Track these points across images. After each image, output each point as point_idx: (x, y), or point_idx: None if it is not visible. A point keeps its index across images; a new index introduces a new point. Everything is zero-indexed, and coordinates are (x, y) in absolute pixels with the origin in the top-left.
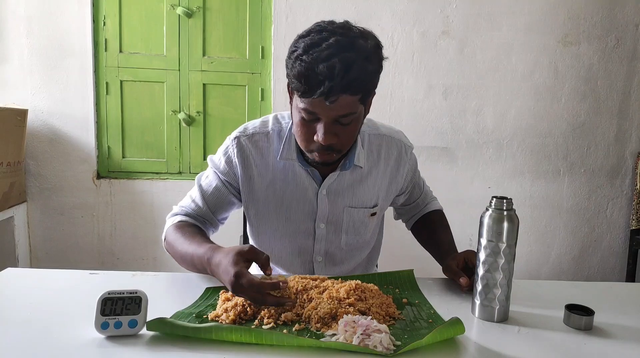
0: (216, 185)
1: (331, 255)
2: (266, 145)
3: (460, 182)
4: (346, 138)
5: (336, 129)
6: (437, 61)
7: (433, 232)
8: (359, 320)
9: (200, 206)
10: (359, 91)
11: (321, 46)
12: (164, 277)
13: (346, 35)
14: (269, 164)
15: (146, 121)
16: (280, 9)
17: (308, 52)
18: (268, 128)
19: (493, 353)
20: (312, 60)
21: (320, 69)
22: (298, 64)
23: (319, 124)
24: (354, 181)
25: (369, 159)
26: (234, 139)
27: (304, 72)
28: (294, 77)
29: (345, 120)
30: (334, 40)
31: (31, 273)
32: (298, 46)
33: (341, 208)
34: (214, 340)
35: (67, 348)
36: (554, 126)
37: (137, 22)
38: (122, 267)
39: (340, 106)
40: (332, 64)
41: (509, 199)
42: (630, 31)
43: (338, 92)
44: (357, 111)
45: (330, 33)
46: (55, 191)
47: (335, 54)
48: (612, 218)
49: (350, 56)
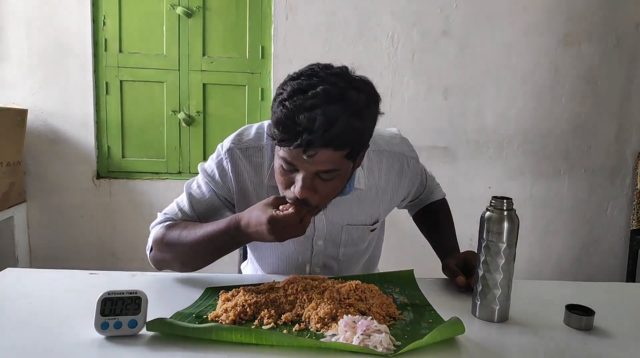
0: (209, 197)
1: (329, 266)
2: (260, 161)
3: (461, 182)
4: (326, 194)
5: (316, 184)
6: (437, 61)
7: (435, 224)
8: (359, 320)
9: (188, 214)
10: (342, 147)
11: (307, 93)
12: (164, 277)
13: (337, 85)
14: (263, 181)
15: (146, 121)
16: (280, 9)
17: (292, 98)
18: (263, 142)
19: (493, 353)
20: (294, 107)
21: (301, 119)
22: (279, 110)
23: (298, 175)
24: (352, 201)
25: (370, 178)
26: (227, 151)
27: (283, 120)
28: (273, 123)
29: (327, 176)
30: (321, 89)
31: (31, 273)
32: (285, 89)
33: (339, 227)
34: (214, 340)
35: (67, 348)
36: (555, 126)
37: (137, 22)
38: (122, 267)
39: (320, 161)
40: (313, 116)
41: (509, 199)
42: (630, 31)
43: (317, 146)
44: (342, 168)
45: (321, 80)
46: (55, 191)
47: (319, 105)
48: (612, 218)
49: (336, 108)
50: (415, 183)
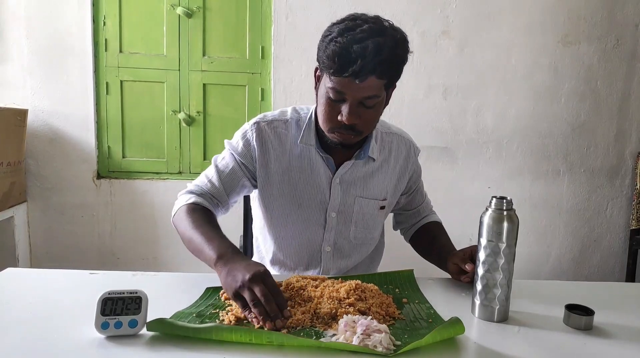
0: (232, 166)
1: (339, 246)
2: (284, 132)
3: (460, 182)
4: (368, 121)
5: (360, 111)
6: (437, 61)
7: (433, 239)
8: (359, 320)
9: (216, 186)
10: (386, 75)
11: (355, 30)
12: (164, 277)
13: (378, 24)
14: (286, 151)
15: (146, 121)
16: (280, 9)
17: (343, 35)
18: (287, 116)
19: (493, 353)
20: (347, 41)
21: (355, 48)
22: (332, 45)
23: (344, 105)
24: (366, 173)
25: (381, 154)
26: (254, 124)
27: (339, 52)
28: (326, 58)
29: (370, 102)
30: (367, 27)
31: (31, 273)
32: (332, 30)
33: (353, 197)
34: (214, 340)
35: (67, 348)
36: (554, 126)
37: (137, 22)
38: (122, 267)
39: (367, 86)
40: (365, 45)
41: (509, 200)
42: (630, 31)
43: (368, 71)
44: (381, 96)
45: (364, 21)
46: (55, 191)
47: (368, 38)
48: (612, 218)
49: (382, 40)
50: (416, 179)
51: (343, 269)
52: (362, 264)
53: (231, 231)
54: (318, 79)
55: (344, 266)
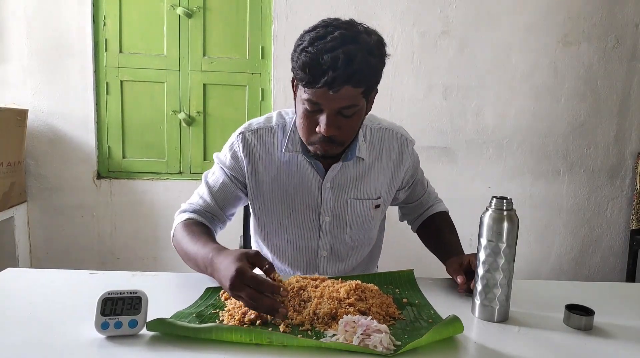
0: (223, 181)
1: (336, 250)
2: (270, 140)
3: (460, 182)
4: (348, 131)
5: (338, 121)
6: (437, 61)
7: (439, 233)
8: (359, 320)
9: (208, 203)
10: (361, 84)
11: (326, 38)
12: (164, 277)
13: (350, 30)
14: (274, 159)
15: (146, 121)
16: (280, 9)
17: (313, 44)
18: (272, 123)
19: (493, 353)
20: (317, 51)
21: (325, 59)
22: (303, 56)
23: (321, 115)
24: (357, 173)
25: (371, 153)
26: (239, 134)
27: (309, 63)
28: (299, 69)
29: (348, 112)
30: (338, 34)
31: (31, 273)
32: (304, 40)
33: (345, 200)
34: (214, 340)
35: (67, 348)
36: (554, 126)
37: (137, 22)
38: (122, 267)
39: (342, 97)
40: (336, 55)
41: (509, 200)
42: (630, 31)
43: (341, 82)
44: (359, 104)
45: (335, 28)
46: (55, 191)
47: (339, 47)
48: (612, 218)
49: (354, 48)
50: (413, 171)
51: (341, 272)
52: (361, 264)
53: (231, 232)
54: (295, 88)
55: (341, 269)
